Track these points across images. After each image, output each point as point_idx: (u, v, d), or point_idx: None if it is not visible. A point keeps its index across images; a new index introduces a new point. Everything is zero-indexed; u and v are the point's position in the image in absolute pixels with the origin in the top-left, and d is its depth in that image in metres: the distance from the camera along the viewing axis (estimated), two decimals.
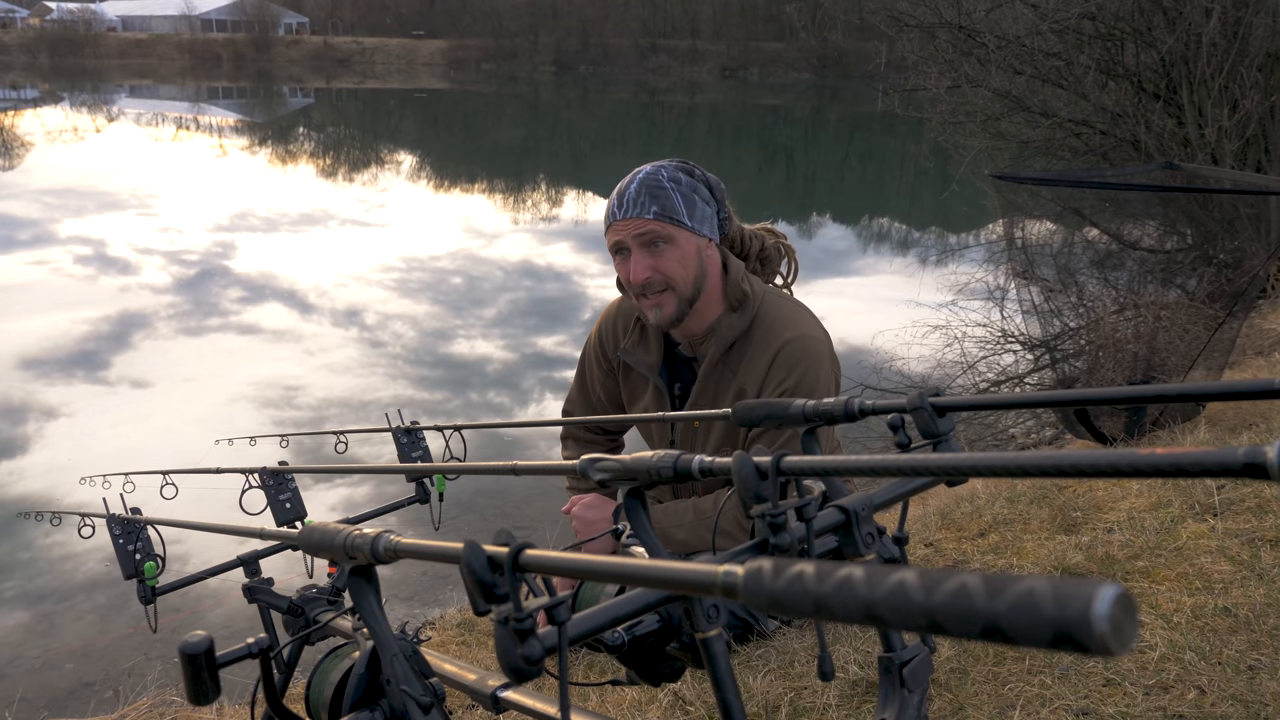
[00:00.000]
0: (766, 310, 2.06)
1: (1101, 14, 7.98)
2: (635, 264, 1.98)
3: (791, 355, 2.00)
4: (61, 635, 3.76)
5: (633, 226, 1.96)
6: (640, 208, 1.95)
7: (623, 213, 1.97)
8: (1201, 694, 1.65)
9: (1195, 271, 6.21)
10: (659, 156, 2.06)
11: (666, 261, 1.97)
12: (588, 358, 2.34)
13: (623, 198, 1.98)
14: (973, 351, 7.09)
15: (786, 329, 2.03)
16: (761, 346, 2.03)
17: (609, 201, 2.02)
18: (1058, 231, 6.94)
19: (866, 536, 0.65)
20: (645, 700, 1.83)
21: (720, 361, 2.07)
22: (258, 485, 1.30)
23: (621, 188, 2.00)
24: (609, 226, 2.01)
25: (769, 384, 2.01)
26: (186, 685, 0.90)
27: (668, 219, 1.95)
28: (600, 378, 2.31)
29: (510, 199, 17.13)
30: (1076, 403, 0.76)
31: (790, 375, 2.00)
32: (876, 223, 16.11)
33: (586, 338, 2.39)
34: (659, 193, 1.96)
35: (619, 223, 1.98)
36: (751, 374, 2.03)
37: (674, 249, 1.97)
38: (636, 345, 2.20)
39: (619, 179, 2.03)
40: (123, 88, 43.60)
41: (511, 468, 0.92)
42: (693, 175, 2.01)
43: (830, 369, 2.06)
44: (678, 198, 1.97)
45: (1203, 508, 2.40)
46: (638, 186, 1.97)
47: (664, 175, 1.99)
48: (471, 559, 0.50)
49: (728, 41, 59.37)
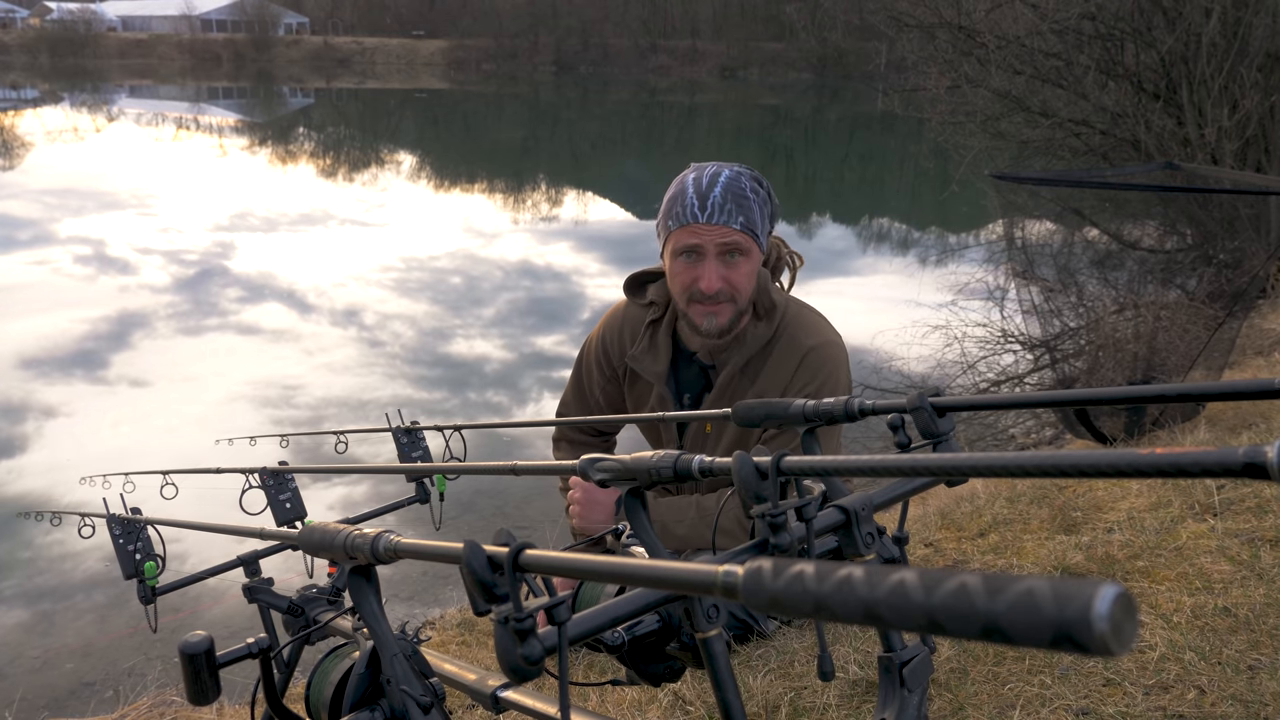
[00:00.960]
0: (791, 318, 2.04)
1: (1101, 14, 7.98)
2: (709, 272, 1.90)
3: (816, 361, 2.00)
4: (61, 635, 3.76)
5: (717, 234, 1.88)
6: (728, 215, 1.88)
7: (706, 216, 1.88)
8: (1201, 694, 1.65)
9: (1195, 271, 6.21)
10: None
11: (738, 275, 1.92)
12: (587, 361, 2.30)
13: (706, 200, 1.88)
14: (973, 351, 7.09)
15: (810, 336, 2.02)
16: (786, 354, 2.02)
17: (679, 199, 1.92)
18: (1058, 231, 6.94)
19: (866, 536, 0.66)
20: (645, 700, 1.83)
21: (741, 370, 2.05)
22: (258, 485, 1.30)
23: (700, 188, 1.90)
24: (683, 226, 1.91)
25: (793, 390, 2.00)
26: (186, 685, 0.90)
27: (750, 233, 1.90)
28: (601, 382, 2.28)
29: (510, 199, 17.13)
30: (1076, 403, 0.76)
31: (814, 381, 1.99)
32: (876, 223, 16.11)
33: (585, 340, 2.35)
34: (744, 202, 1.89)
35: (702, 226, 1.89)
36: (774, 381, 2.02)
37: (747, 262, 1.93)
38: (645, 353, 2.16)
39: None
40: (123, 88, 43.59)
41: (511, 468, 0.92)
42: (762, 186, 1.95)
43: (848, 374, 2.07)
44: (757, 210, 1.91)
45: (1203, 508, 2.40)
46: (723, 191, 1.89)
47: (745, 183, 1.91)
48: (471, 559, 0.50)
49: (728, 41, 59.35)
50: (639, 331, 2.17)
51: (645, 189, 17.52)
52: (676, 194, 1.94)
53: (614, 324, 2.25)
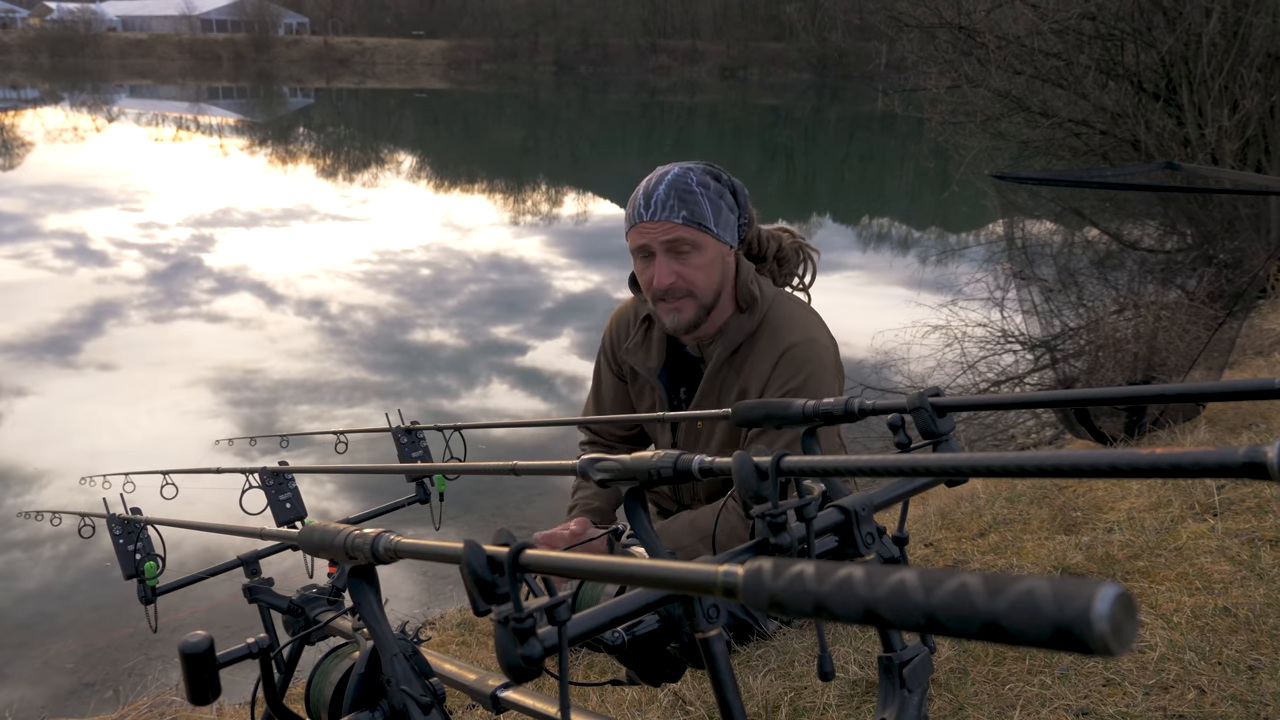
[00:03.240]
0: (775, 313, 2.04)
1: (1101, 14, 7.98)
2: (660, 269, 1.93)
3: (796, 358, 1.99)
4: (61, 635, 3.75)
5: (660, 230, 1.91)
6: (669, 211, 1.90)
7: (650, 214, 1.91)
8: (1201, 694, 1.65)
9: (1195, 271, 6.20)
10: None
11: (691, 269, 1.93)
12: (599, 363, 2.33)
13: (650, 199, 1.92)
14: (973, 351, 7.08)
15: (793, 332, 2.02)
16: (767, 348, 2.02)
17: (633, 200, 1.96)
18: (1058, 231, 6.94)
19: (866, 536, 0.66)
20: (645, 700, 1.83)
21: (726, 363, 2.06)
22: (258, 485, 1.30)
23: (648, 188, 1.94)
24: (633, 227, 1.95)
25: (772, 385, 2.00)
26: (186, 685, 0.90)
27: (696, 225, 1.91)
28: (610, 381, 2.30)
29: (510, 199, 17.13)
30: (1076, 403, 0.76)
31: (794, 377, 1.99)
32: (876, 223, 16.11)
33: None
34: (688, 197, 1.91)
35: (646, 224, 1.92)
36: (755, 375, 2.02)
37: (700, 256, 1.93)
38: (639, 347, 2.18)
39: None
40: (123, 88, 43.59)
41: (511, 468, 0.92)
42: (719, 180, 1.96)
43: (835, 375, 2.05)
44: (706, 203, 1.92)
45: (1203, 508, 2.40)
46: (666, 188, 1.91)
47: (693, 179, 1.93)
48: (471, 559, 0.50)
49: (728, 41, 59.35)
50: (635, 327, 2.20)
51: None
52: (632, 197, 1.98)
53: (619, 319, 2.28)
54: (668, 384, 2.18)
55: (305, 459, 4.64)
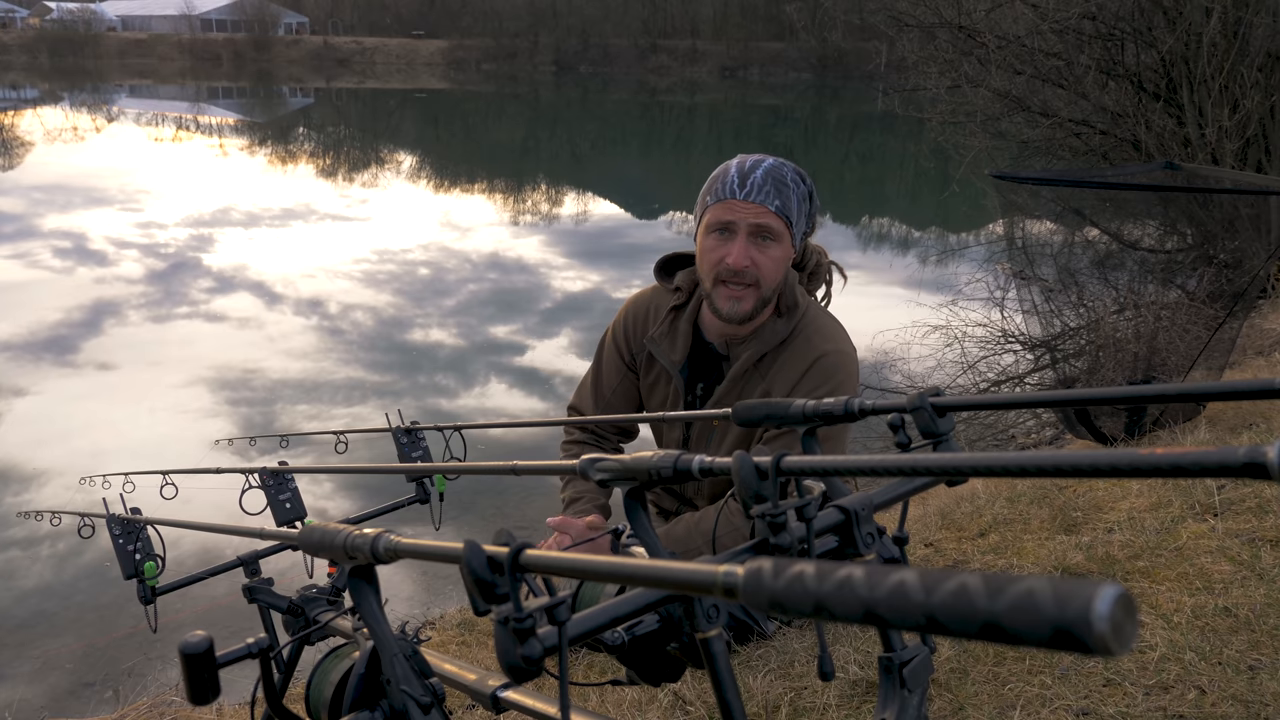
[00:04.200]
0: (809, 321, 2.05)
1: (1101, 14, 7.98)
2: (739, 249, 1.92)
3: (827, 367, 2.01)
4: (61, 635, 3.75)
5: (751, 212, 1.91)
6: (765, 195, 1.90)
7: (744, 193, 1.90)
8: (1202, 694, 1.65)
9: (1195, 271, 6.20)
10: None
11: (766, 258, 1.94)
12: (605, 349, 2.29)
13: (746, 179, 1.91)
14: (973, 351, 7.08)
15: (826, 341, 2.03)
16: (799, 354, 2.02)
17: (722, 177, 1.95)
18: (1058, 231, 6.93)
19: (866, 536, 0.65)
20: (645, 700, 1.83)
21: (754, 365, 2.06)
22: (258, 485, 1.30)
23: (743, 168, 1.93)
24: (719, 201, 1.93)
25: (799, 392, 2.00)
26: (186, 685, 0.90)
27: (785, 217, 1.92)
28: (617, 370, 2.26)
29: (510, 199, 17.13)
30: (1076, 403, 0.76)
31: (822, 386, 1.99)
32: (876, 223, 16.10)
33: (607, 327, 2.33)
34: (783, 188, 1.92)
35: (738, 202, 1.91)
36: (782, 380, 2.02)
37: (777, 248, 1.95)
38: (664, 337, 2.16)
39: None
40: (123, 88, 43.58)
41: (511, 468, 0.92)
42: (805, 183, 1.98)
43: (857, 385, 2.08)
44: (795, 200, 1.94)
45: (1203, 508, 2.40)
46: (764, 174, 1.91)
47: (788, 172, 1.94)
48: (471, 559, 0.50)
49: (728, 41, 59.35)
50: (662, 315, 2.17)
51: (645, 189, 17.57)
52: (719, 173, 1.97)
53: (639, 306, 2.25)
54: (687, 379, 2.17)
55: (305, 459, 4.65)
